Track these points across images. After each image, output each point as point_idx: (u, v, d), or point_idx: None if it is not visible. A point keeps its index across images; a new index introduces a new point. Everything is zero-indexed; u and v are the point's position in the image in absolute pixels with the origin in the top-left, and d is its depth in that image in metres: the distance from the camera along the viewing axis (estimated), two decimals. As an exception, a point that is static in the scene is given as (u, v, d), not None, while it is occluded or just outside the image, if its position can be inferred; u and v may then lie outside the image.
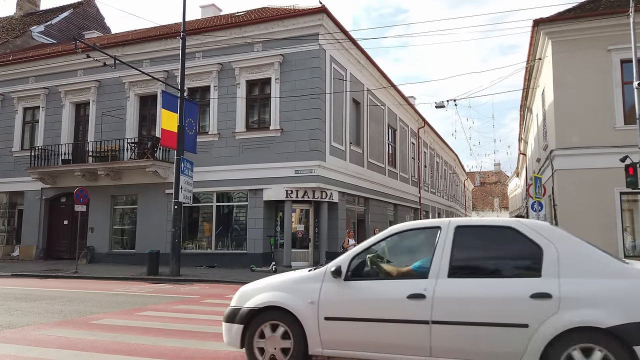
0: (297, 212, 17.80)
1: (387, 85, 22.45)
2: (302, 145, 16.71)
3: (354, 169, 19.69)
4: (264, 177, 17.08)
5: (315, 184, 16.45)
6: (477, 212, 74.22)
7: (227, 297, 10.40)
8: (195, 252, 18.28)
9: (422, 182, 30.81)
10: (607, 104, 14.24)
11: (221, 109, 18.11)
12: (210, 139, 18.15)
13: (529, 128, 26.28)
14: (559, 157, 14.59)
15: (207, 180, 17.87)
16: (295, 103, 16.95)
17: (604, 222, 13.87)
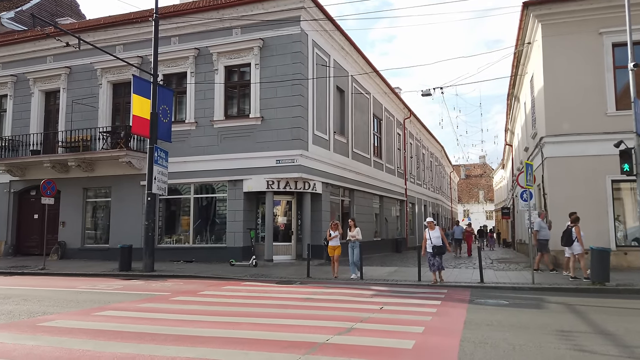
0: (279, 204, 17.07)
1: (370, 71, 21.71)
2: (283, 134, 15.96)
3: (338, 159, 19.02)
4: (243, 168, 16.31)
5: (298, 174, 15.73)
6: (463, 204, 74.33)
7: (200, 293, 9.67)
8: (172, 246, 17.45)
9: (408, 173, 30.29)
10: (599, 89, 13.78)
11: (198, 96, 17.24)
12: (187, 128, 17.28)
13: (516, 118, 25.89)
14: (549, 145, 14.10)
15: (184, 171, 17.04)
16: (276, 90, 16.17)
17: (595, 211, 13.45)
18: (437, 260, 11.07)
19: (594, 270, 10.55)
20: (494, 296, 9.47)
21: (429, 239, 11.10)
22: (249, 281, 12.04)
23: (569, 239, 11.42)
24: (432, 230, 11.14)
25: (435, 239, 11.07)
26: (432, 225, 11.21)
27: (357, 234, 12.07)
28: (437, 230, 11.20)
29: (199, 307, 7.93)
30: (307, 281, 11.84)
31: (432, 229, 11.17)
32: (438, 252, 11.00)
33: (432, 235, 11.09)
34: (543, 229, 13.06)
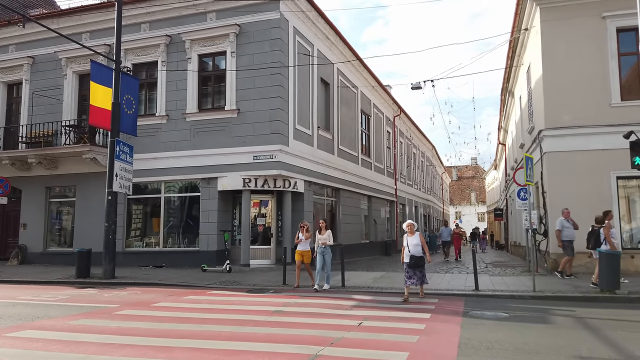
0: (257, 203, 15.77)
1: (353, 59, 20.46)
2: (261, 128, 14.68)
3: (323, 156, 17.77)
4: (218, 164, 15.01)
5: (277, 171, 14.45)
6: (455, 206, 73.45)
7: (153, 305, 8.35)
8: (142, 250, 16.06)
9: (398, 173, 29.13)
10: (602, 78, 12.68)
11: (170, 87, 15.91)
12: (157, 122, 15.94)
13: (509, 115, 24.84)
14: (548, 138, 12.97)
15: (154, 169, 15.70)
16: (254, 80, 14.90)
17: (599, 210, 12.27)
18: (417, 273, 8.99)
19: (603, 276, 9.38)
20: (491, 306, 8.26)
21: (407, 246, 9.01)
22: (217, 289, 10.73)
23: (597, 241, 10.20)
24: (411, 237, 9.03)
25: (414, 247, 8.93)
26: (412, 230, 9.09)
27: (328, 238, 10.43)
28: (417, 237, 9.02)
29: (139, 325, 6.63)
30: (283, 289, 10.56)
31: (411, 234, 9.07)
32: (416, 264, 8.88)
33: (410, 242, 8.97)
34: (567, 229, 11.53)
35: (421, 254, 8.97)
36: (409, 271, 9.00)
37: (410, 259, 8.91)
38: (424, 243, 9.15)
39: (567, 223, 11.54)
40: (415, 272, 8.97)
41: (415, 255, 8.90)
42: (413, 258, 8.90)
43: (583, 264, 12.33)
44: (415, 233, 9.09)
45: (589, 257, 12.24)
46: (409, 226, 9.13)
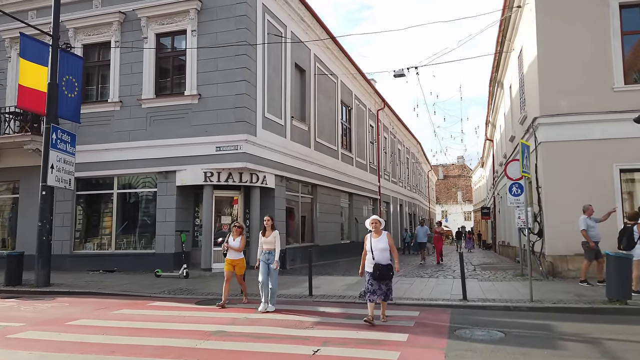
0: (221, 200, 14.17)
1: (326, 37, 18.90)
2: (224, 115, 13.09)
3: (297, 148, 16.22)
4: (177, 157, 13.37)
5: (242, 163, 12.87)
6: (441, 205, 72.57)
7: (69, 324, 6.73)
8: (92, 253, 14.34)
9: (382, 169, 27.71)
10: (603, 59, 11.36)
11: (124, 70, 14.21)
12: (109, 109, 14.23)
13: (498, 108, 23.57)
14: (543, 127, 11.60)
15: (105, 161, 14.00)
16: (217, 62, 13.29)
17: (601, 207, 10.95)
18: (382, 287, 6.72)
19: (611, 284, 8.02)
20: (482, 322, 6.82)
21: (370, 251, 6.78)
22: (162, 300, 9.14)
23: (631, 240, 8.79)
24: (377, 238, 6.82)
25: (380, 252, 6.70)
26: (378, 228, 6.89)
27: (274, 240, 7.99)
28: (384, 238, 6.81)
29: (19, 357, 5.02)
30: (240, 299, 9.00)
31: (376, 234, 6.86)
32: (382, 275, 6.63)
33: (375, 245, 6.76)
34: (590, 229, 9.94)
35: (389, 261, 6.73)
36: (374, 284, 6.67)
37: (375, 268, 6.64)
38: (393, 247, 6.90)
39: (592, 222, 10.00)
40: (381, 285, 6.69)
41: (381, 263, 6.63)
42: (378, 267, 6.62)
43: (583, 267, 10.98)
44: (382, 233, 6.88)
45: (589, 260, 10.93)
46: (373, 223, 6.87)
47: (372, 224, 6.93)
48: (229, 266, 8.44)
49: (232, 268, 8.43)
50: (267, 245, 8.05)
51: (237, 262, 8.48)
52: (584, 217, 9.96)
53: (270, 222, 8.19)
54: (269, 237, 8.05)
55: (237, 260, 8.47)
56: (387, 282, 6.76)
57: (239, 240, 8.44)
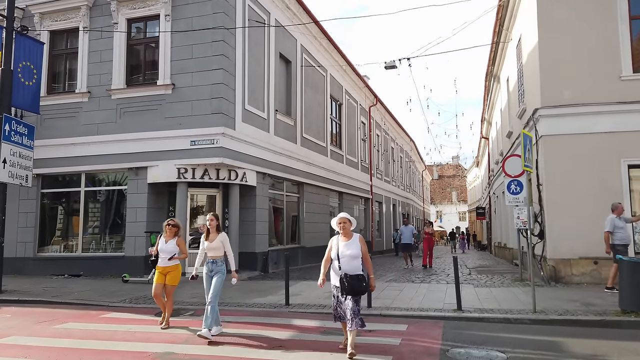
0: (197, 199, 13.17)
1: (319, 34, 17.86)
2: (200, 106, 12.08)
3: (282, 144, 15.21)
4: (148, 151, 12.35)
5: (218, 159, 11.86)
6: (436, 205, 71.81)
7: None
8: (57, 255, 13.27)
9: (374, 168, 26.76)
10: (610, 46, 10.45)
11: (93, 58, 13.17)
12: (77, 100, 13.19)
13: (494, 103, 22.69)
14: (545, 119, 10.67)
15: (72, 157, 12.95)
16: (192, 49, 12.29)
17: (607, 205, 10.06)
18: (351, 304, 5.00)
19: (624, 292, 7.09)
20: (480, 338, 5.86)
21: (336, 258, 5.16)
22: (119, 310, 8.12)
23: None
24: (346, 242, 5.21)
25: (349, 260, 5.11)
26: (347, 229, 5.26)
27: (220, 246, 6.22)
28: (355, 242, 5.21)
29: None
30: (200, 309, 7.98)
31: (345, 237, 5.25)
32: (352, 288, 5.00)
33: (343, 251, 5.14)
34: (620, 230, 8.81)
35: (360, 271, 5.11)
36: (341, 299, 5.14)
37: (342, 281, 5.00)
38: (367, 255, 5.27)
39: (621, 222, 8.93)
40: (348, 301, 5.04)
41: (350, 273, 5.02)
42: (347, 280, 4.97)
43: (588, 272, 10.08)
44: (353, 236, 5.27)
45: (595, 264, 10.02)
46: (341, 223, 5.24)
47: (339, 223, 5.24)
48: (160, 277, 6.64)
49: (163, 278, 6.65)
50: (211, 252, 6.21)
51: (170, 270, 6.67)
52: (612, 217, 8.89)
53: (214, 223, 6.33)
54: (213, 242, 6.20)
55: (170, 268, 6.66)
56: (357, 300, 5.07)
57: (173, 242, 6.72)
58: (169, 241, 6.74)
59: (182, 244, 6.81)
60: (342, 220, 5.28)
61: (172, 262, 6.70)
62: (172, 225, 6.83)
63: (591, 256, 10.02)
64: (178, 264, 6.80)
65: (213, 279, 6.10)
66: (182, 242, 6.87)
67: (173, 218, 7.14)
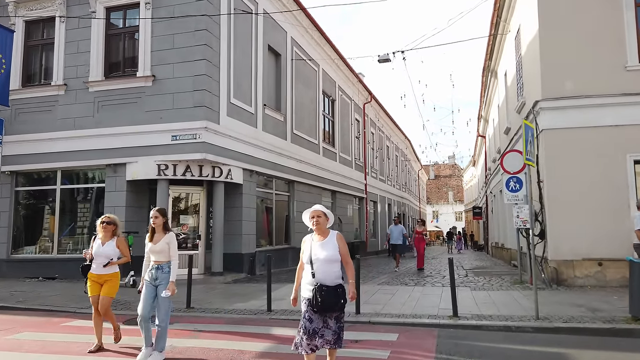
0: (180, 198, 12.51)
1: (310, 26, 17.18)
2: (182, 99, 11.42)
3: (271, 140, 14.56)
4: (127, 147, 11.67)
5: (201, 154, 11.20)
6: (432, 205, 71.31)
7: None
8: (32, 257, 12.58)
9: (368, 166, 26.14)
10: (615, 34, 9.88)
11: (70, 49, 12.49)
12: (53, 93, 12.49)
13: (491, 100, 22.11)
14: (546, 112, 10.08)
15: (48, 153, 12.26)
16: (174, 38, 11.63)
17: (611, 203, 9.51)
18: (328, 324, 3.99)
19: (635, 297, 6.47)
20: (478, 350, 5.25)
21: (309, 263, 4.06)
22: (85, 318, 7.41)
23: None
24: (321, 241, 4.11)
25: (324, 266, 4.00)
26: (323, 226, 4.16)
27: (166, 249, 5.06)
28: (332, 242, 4.09)
29: None
30: (181, 317, 7.36)
31: (320, 235, 4.15)
32: (325, 304, 3.88)
33: (317, 253, 4.04)
34: None
35: (338, 280, 4.01)
36: (313, 319, 3.94)
37: (316, 292, 3.90)
38: (347, 257, 4.11)
39: None
40: (327, 321, 3.97)
41: (325, 284, 3.93)
42: (322, 291, 3.89)
43: (592, 274, 9.49)
44: (329, 234, 4.14)
45: (599, 265, 9.43)
46: (314, 217, 4.11)
47: (312, 217, 4.11)
48: (96, 287, 5.48)
49: (97, 289, 5.50)
50: (155, 255, 5.05)
51: (107, 279, 5.49)
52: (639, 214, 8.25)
53: (160, 220, 5.09)
54: (158, 244, 5.02)
55: (107, 276, 5.49)
56: (338, 317, 3.98)
57: (112, 244, 5.55)
58: (107, 243, 5.53)
59: (123, 246, 5.65)
60: (316, 214, 4.12)
61: (109, 269, 5.49)
62: (107, 223, 5.58)
63: (595, 257, 9.45)
64: (117, 272, 5.62)
65: (159, 290, 4.95)
66: (124, 243, 5.71)
67: (109, 214, 5.86)
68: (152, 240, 5.11)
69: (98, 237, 5.66)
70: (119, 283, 5.76)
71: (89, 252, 5.62)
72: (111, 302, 5.60)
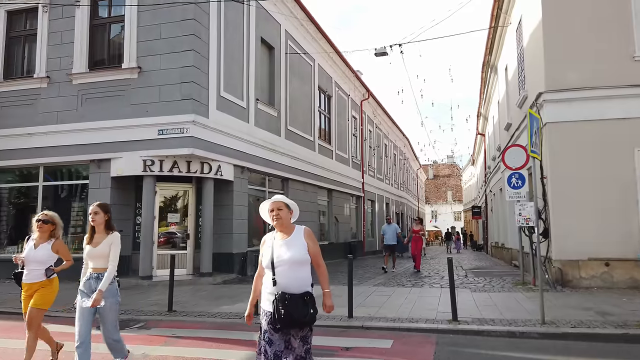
0: (168, 195, 12.01)
1: (305, 19, 16.63)
2: (169, 92, 10.92)
3: (263, 136, 14.07)
4: (112, 142, 11.17)
5: (188, 149, 10.70)
6: (431, 205, 70.87)
7: None
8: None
9: (366, 165, 25.66)
10: (621, 22, 9.40)
11: (53, 40, 11.99)
12: (35, 86, 11.99)
13: (491, 96, 21.63)
14: (550, 105, 9.60)
15: (30, 148, 11.75)
16: (160, 28, 11.14)
17: (619, 200, 9.04)
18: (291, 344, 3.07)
19: (649, 299, 6.00)
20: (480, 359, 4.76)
21: (269, 267, 3.16)
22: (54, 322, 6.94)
23: None
24: (283, 240, 3.22)
25: (288, 270, 3.11)
26: (285, 221, 3.24)
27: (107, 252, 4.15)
28: (299, 240, 3.21)
29: None
30: (160, 321, 6.87)
31: (283, 232, 3.26)
32: (291, 320, 2.98)
33: (279, 255, 3.14)
34: None
35: (307, 287, 3.15)
36: (273, 340, 3.06)
37: (277, 303, 3.02)
38: (318, 257, 3.29)
39: None
40: (289, 341, 3.09)
41: (290, 292, 3.06)
42: (284, 303, 3.00)
43: (598, 275, 9.02)
44: (294, 230, 3.30)
45: (606, 266, 8.96)
46: (273, 210, 3.24)
47: (271, 211, 3.25)
48: (28, 299, 4.58)
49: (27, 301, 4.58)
50: (95, 261, 4.15)
51: (38, 288, 4.55)
52: None
53: (101, 217, 4.17)
54: (98, 247, 4.13)
55: (40, 284, 4.56)
56: (303, 336, 3.11)
57: (47, 247, 4.63)
58: (41, 245, 4.60)
59: (62, 248, 4.66)
60: (275, 206, 3.22)
61: (42, 276, 4.55)
62: (43, 221, 4.62)
63: (602, 257, 8.97)
64: (54, 278, 4.65)
65: (103, 301, 4.01)
66: (63, 246, 4.71)
67: (47, 211, 4.82)
68: (91, 243, 4.14)
69: (32, 237, 4.70)
70: (57, 291, 4.72)
71: (20, 256, 4.61)
72: (42, 315, 4.56)
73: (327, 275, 3.36)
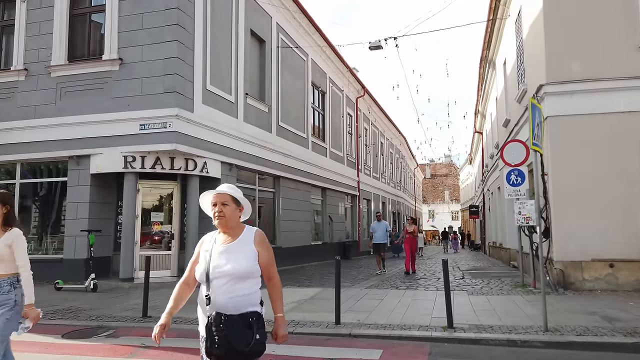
0: (151, 193, 11.49)
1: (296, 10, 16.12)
2: (151, 85, 10.39)
3: (253, 132, 13.55)
4: (92, 137, 10.64)
5: (171, 145, 10.18)
6: (428, 204, 70.46)
7: None
8: (-10, 258, 11.50)
9: (361, 163, 25.16)
10: (626, 11, 8.93)
11: (31, 31, 11.45)
12: (12, 79, 11.45)
13: (489, 93, 21.16)
14: (551, 97, 9.11)
15: (6, 144, 11.22)
16: (142, 18, 10.61)
17: (624, 197, 8.57)
18: None
19: (661, 305, 5.51)
20: (477, 374, 4.26)
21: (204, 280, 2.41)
22: (22, 329, 6.42)
23: None
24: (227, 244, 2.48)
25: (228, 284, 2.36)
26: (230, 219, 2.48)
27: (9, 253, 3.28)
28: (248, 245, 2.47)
29: None
30: (133, 329, 6.36)
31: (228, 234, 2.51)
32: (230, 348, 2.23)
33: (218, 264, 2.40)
34: None
35: (255, 306, 2.39)
36: None
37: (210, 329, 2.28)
38: (271, 266, 2.55)
39: None
40: None
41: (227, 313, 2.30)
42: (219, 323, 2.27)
43: (602, 277, 8.54)
44: (244, 232, 2.53)
45: (610, 267, 8.48)
46: (217, 205, 2.49)
47: (214, 205, 2.52)
48: None
49: None
50: None
51: None
52: None
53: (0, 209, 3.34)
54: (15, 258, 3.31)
55: None
56: None
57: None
58: None
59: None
60: (219, 199, 2.51)
61: None
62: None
63: (606, 258, 8.50)
64: None
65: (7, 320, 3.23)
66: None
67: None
68: (4, 239, 3.29)
69: None
70: None
71: None
72: None
73: (281, 292, 2.54)
